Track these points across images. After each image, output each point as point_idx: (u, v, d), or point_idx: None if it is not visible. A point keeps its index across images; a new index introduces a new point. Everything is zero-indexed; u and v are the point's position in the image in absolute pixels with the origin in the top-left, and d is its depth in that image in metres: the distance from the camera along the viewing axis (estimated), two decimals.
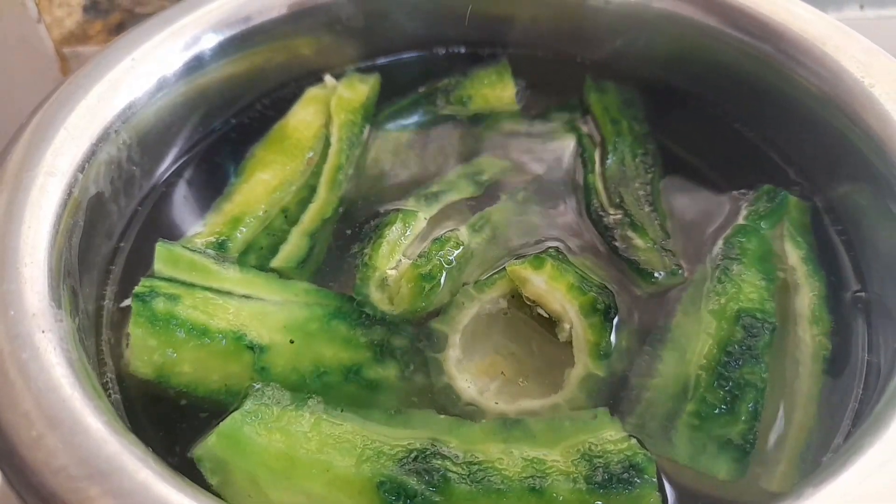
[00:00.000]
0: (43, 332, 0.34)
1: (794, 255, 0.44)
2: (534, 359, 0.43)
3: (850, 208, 0.47)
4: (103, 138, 0.44)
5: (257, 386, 0.37)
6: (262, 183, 0.50)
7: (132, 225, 0.48)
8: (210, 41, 0.51)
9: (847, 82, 0.45)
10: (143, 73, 0.47)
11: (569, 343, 0.42)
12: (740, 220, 0.46)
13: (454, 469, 0.34)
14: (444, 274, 0.44)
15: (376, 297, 0.44)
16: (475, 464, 0.34)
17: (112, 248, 0.47)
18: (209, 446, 0.35)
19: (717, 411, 0.37)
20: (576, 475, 0.34)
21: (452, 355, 0.42)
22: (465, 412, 0.40)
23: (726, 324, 0.40)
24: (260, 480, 0.34)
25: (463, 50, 0.60)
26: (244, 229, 0.47)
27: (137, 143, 0.47)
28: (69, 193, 0.41)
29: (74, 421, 0.30)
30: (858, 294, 0.44)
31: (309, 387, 0.40)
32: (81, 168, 0.42)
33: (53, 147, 0.41)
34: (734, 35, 0.51)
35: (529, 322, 0.44)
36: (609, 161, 0.50)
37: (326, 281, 0.46)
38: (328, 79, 0.57)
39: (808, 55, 0.47)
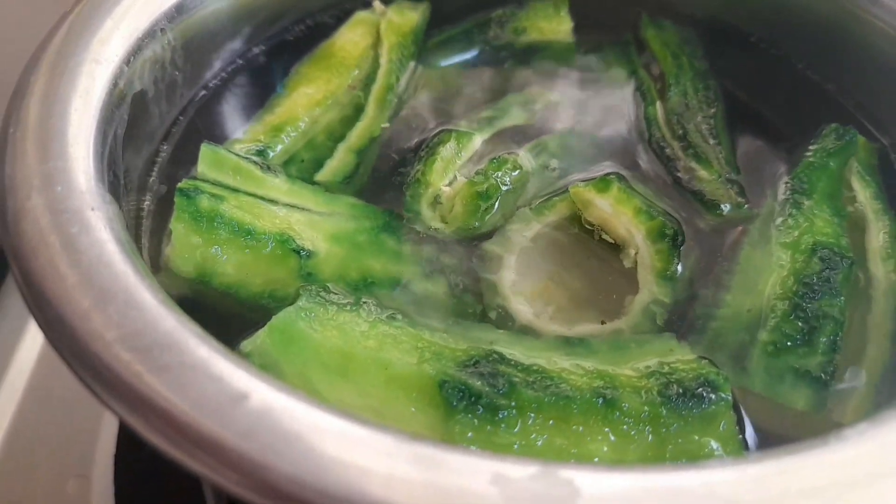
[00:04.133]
0: (92, 209, 0.31)
1: (863, 193, 0.43)
2: (588, 287, 0.41)
3: None
4: (149, 34, 0.42)
5: (312, 286, 0.35)
6: (306, 97, 0.48)
7: (172, 132, 0.46)
8: None
9: None
10: None
11: (629, 270, 0.40)
12: (808, 158, 0.44)
13: (519, 375, 0.32)
14: (499, 194, 0.42)
15: (428, 214, 0.42)
16: (541, 372, 0.32)
17: (152, 151, 0.45)
18: (260, 341, 0.33)
19: (794, 342, 0.36)
20: (647, 388, 0.32)
21: (507, 277, 0.40)
22: (522, 333, 0.38)
23: (801, 256, 0.39)
24: (313, 378, 0.32)
25: None
26: (285, 139, 0.45)
27: (182, 46, 0.45)
28: (115, 84, 0.39)
29: (129, 295, 0.28)
30: None
31: (357, 297, 0.38)
32: (127, 61, 0.40)
33: (100, 36, 0.40)
34: None
35: (584, 249, 0.42)
36: (670, 94, 0.48)
37: (370, 201, 0.44)
38: (377, 4, 0.55)
39: None
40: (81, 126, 0.35)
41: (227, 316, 0.38)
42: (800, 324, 0.36)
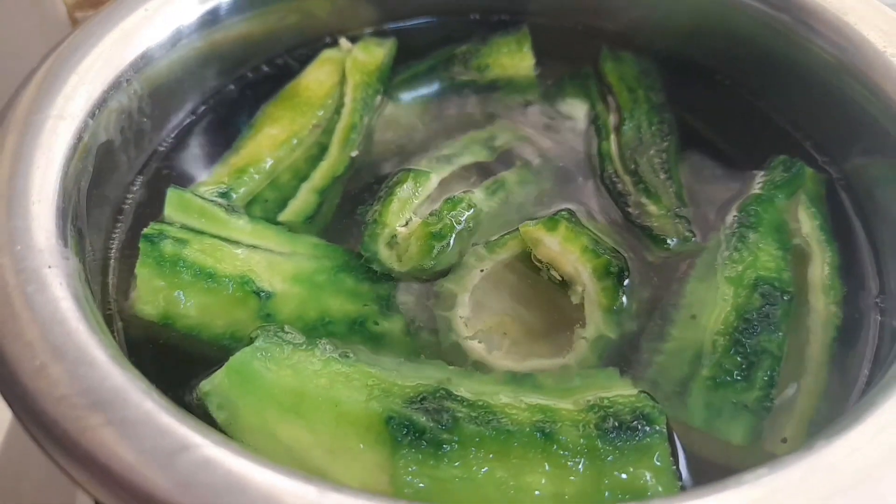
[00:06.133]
0: (49, 267, 0.33)
1: (808, 224, 0.44)
2: (541, 322, 0.42)
3: (865, 180, 0.46)
4: (115, 86, 0.44)
5: (269, 326, 0.37)
6: (270, 137, 0.50)
7: (141, 176, 0.48)
8: None
9: (868, 53, 0.45)
10: (158, 24, 0.47)
11: (578, 306, 0.41)
12: (756, 190, 0.46)
13: (463, 410, 0.33)
14: (454, 234, 0.44)
15: (384, 254, 0.44)
16: (484, 407, 0.34)
17: (120, 197, 0.46)
18: (217, 381, 0.34)
19: (733, 377, 0.37)
20: (585, 421, 0.33)
21: (461, 314, 0.41)
22: (474, 369, 0.39)
23: (743, 291, 0.40)
24: (267, 416, 0.33)
25: (479, 17, 0.60)
26: (248, 180, 0.47)
27: (149, 94, 0.47)
28: (79, 138, 0.41)
29: (80, 352, 0.30)
30: (871, 263, 0.44)
31: (314, 336, 0.39)
32: (92, 114, 0.42)
33: (65, 92, 0.41)
34: (753, 5, 0.50)
35: (537, 285, 0.43)
36: (625, 128, 0.50)
37: (333, 240, 0.45)
38: (343, 42, 0.56)
39: (828, 26, 0.47)
40: (44, 183, 0.37)
41: (190, 354, 0.39)
42: (739, 359, 0.37)
